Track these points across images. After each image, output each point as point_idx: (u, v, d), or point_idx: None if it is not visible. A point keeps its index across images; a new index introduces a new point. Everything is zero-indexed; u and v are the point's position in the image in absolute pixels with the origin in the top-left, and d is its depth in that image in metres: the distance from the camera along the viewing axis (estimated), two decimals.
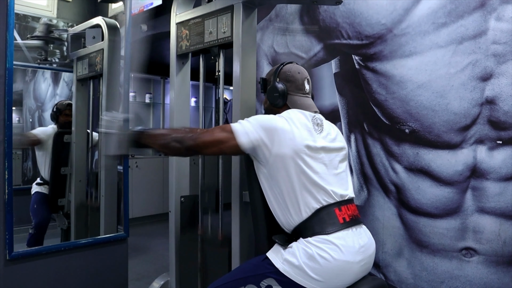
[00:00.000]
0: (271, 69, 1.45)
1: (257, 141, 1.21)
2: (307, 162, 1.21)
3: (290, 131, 1.22)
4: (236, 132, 1.22)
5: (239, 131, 1.22)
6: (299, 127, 1.24)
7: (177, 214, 1.76)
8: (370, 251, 1.25)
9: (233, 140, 1.22)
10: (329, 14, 1.99)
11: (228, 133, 1.23)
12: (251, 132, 1.22)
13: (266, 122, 1.23)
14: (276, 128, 1.21)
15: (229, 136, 1.22)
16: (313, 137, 1.25)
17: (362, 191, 1.88)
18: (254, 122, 1.24)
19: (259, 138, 1.21)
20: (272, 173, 1.23)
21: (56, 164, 2.45)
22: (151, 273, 2.90)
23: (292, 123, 1.23)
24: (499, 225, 1.50)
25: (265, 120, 1.24)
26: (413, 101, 1.71)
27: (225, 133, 1.23)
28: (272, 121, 1.24)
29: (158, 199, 4.79)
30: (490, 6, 1.52)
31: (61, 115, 2.50)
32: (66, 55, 2.55)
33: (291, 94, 1.35)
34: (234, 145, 1.22)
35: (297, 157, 1.20)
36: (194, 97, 5.69)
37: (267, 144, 1.21)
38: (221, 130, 1.25)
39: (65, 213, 2.47)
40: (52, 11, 2.49)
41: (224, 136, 1.23)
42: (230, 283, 1.25)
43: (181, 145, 1.25)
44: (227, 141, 1.23)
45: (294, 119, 1.25)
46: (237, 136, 1.22)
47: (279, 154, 1.20)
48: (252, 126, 1.23)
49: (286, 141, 1.20)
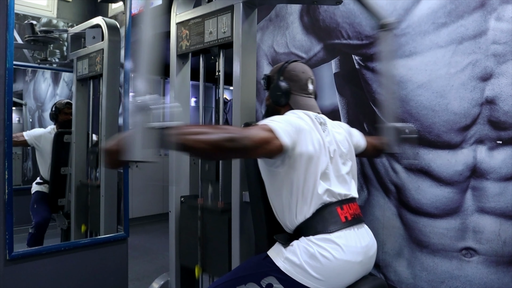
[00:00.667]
0: (275, 66, 1.43)
1: (294, 139, 1.16)
2: (319, 162, 1.21)
3: (309, 131, 1.22)
4: (277, 132, 1.13)
5: (279, 131, 1.13)
6: (312, 128, 1.24)
7: (177, 214, 1.76)
8: (371, 251, 1.25)
9: (276, 140, 1.13)
10: (329, 14, 1.99)
11: (269, 133, 1.12)
12: (291, 131, 1.16)
13: (294, 122, 1.19)
14: (302, 128, 1.20)
15: (272, 135, 1.12)
16: (322, 137, 1.25)
17: (362, 191, 1.88)
18: (286, 122, 1.18)
19: (294, 136, 1.16)
20: (289, 172, 1.19)
21: (56, 164, 2.45)
22: (151, 273, 2.90)
23: (307, 124, 1.23)
24: (499, 225, 1.50)
25: (292, 120, 1.20)
26: (413, 101, 1.71)
27: (268, 132, 1.12)
28: (297, 121, 1.21)
29: (158, 199, 4.80)
30: (490, 6, 1.52)
31: (60, 113, 2.50)
32: (66, 55, 2.55)
33: (294, 93, 1.34)
34: (278, 145, 1.13)
35: (315, 156, 1.20)
36: (194, 97, 5.69)
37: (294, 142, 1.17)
38: (262, 130, 1.13)
39: (65, 213, 2.47)
40: (52, 11, 2.49)
41: (268, 136, 1.12)
42: (231, 281, 1.25)
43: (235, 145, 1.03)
44: (271, 140, 1.12)
45: (306, 120, 1.25)
46: (280, 136, 1.13)
47: (301, 154, 1.18)
48: (287, 126, 1.16)
49: (308, 141, 1.20)
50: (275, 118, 1.19)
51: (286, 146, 1.14)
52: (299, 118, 1.24)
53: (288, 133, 1.14)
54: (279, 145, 1.13)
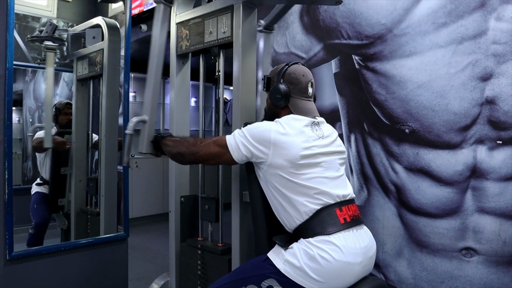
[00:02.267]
0: (276, 67, 1.43)
1: (250, 154, 1.26)
2: (302, 169, 1.21)
3: (285, 140, 1.22)
4: (229, 147, 1.29)
5: (232, 146, 1.28)
6: (296, 135, 1.24)
7: (177, 214, 1.76)
8: (371, 252, 1.24)
9: (228, 154, 1.29)
10: (329, 14, 1.99)
11: (222, 148, 1.30)
12: (243, 146, 1.26)
13: (260, 134, 1.25)
14: (270, 140, 1.23)
15: (224, 150, 1.30)
16: (311, 143, 1.25)
17: (362, 191, 1.88)
18: (247, 134, 1.27)
19: (252, 150, 1.25)
20: (268, 178, 1.26)
21: (56, 164, 2.45)
22: (151, 273, 2.90)
23: (289, 131, 1.24)
24: (499, 225, 1.50)
25: (259, 131, 1.26)
26: (413, 101, 1.71)
27: (220, 148, 1.31)
28: (265, 133, 1.24)
29: (158, 199, 4.80)
30: (490, 6, 1.52)
31: (60, 114, 2.50)
32: (66, 55, 2.55)
33: (293, 97, 1.34)
34: (229, 158, 1.30)
35: (292, 166, 1.21)
36: (194, 97, 5.69)
37: (263, 152, 1.23)
38: (216, 145, 1.32)
39: (65, 213, 2.47)
40: (52, 11, 2.49)
41: (219, 151, 1.31)
42: (231, 283, 1.25)
43: (184, 159, 1.40)
44: (222, 155, 1.31)
45: (292, 127, 1.25)
46: (231, 151, 1.29)
47: (273, 164, 1.23)
48: (245, 139, 1.26)
49: (281, 152, 1.21)
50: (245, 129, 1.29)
51: (236, 159, 1.29)
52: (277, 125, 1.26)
53: (240, 149, 1.27)
54: (230, 159, 1.30)
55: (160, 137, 1.48)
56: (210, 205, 1.68)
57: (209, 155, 1.33)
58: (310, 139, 1.25)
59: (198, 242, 1.70)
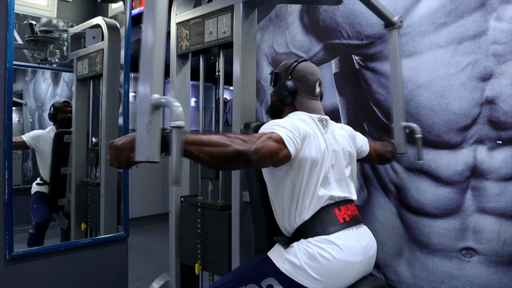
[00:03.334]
0: (285, 63, 1.40)
1: (299, 146, 1.16)
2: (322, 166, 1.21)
3: (314, 135, 1.21)
4: (286, 141, 1.12)
5: (287, 140, 1.12)
6: (316, 132, 1.24)
7: (177, 214, 1.76)
8: (371, 251, 1.25)
9: (285, 149, 1.12)
10: (329, 14, 1.99)
11: (278, 143, 1.11)
12: (297, 138, 1.15)
13: (300, 128, 1.18)
14: (307, 133, 1.20)
15: (281, 146, 1.11)
16: (325, 140, 1.25)
17: (362, 191, 1.88)
18: (291, 128, 1.16)
19: (298, 144, 1.15)
20: (293, 176, 1.19)
21: (56, 164, 2.45)
22: (151, 273, 2.90)
23: (311, 128, 1.23)
24: (499, 225, 1.50)
25: (298, 125, 1.19)
26: (413, 101, 1.71)
27: (277, 143, 1.10)
28: (302, 126, 1.20)
29: (158, 199, 4.80)
30: (490, 6, 1.52)
31: (59, 112, 2.50)
32: (66, 55, 2.55)
33: (300, 94, 1.33)
34: (286, 154, 1.12)
35: (318, 161, 1.20)
36: (194, 97, 5.69)
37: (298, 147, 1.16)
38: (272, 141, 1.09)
39: (65, 213, 2.47)
40: (52, 11, 2.49)
41: (277, 147, 1.10)
42: (231, 282, 1.25)
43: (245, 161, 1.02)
44: (280, 151, 1.11)
45: (310, 123, 1.25)
46: (288, 145, 1.12)
47: (306, 159, 1.18)
48: (290, 132, 1.14)
49: (312, 146, 1.20)
50: (282, 123, 1.17)
51: (293, 155, 1.14)
52: (303, 122, 1.24)
53: (295, 141, 1.14)
54: (287, 155, 1.12)
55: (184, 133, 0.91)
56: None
57: (270, 153, 1.08)
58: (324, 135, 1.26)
59: (198, 201, 1.69)
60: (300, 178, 1.19)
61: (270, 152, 1.07)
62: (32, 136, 2.45)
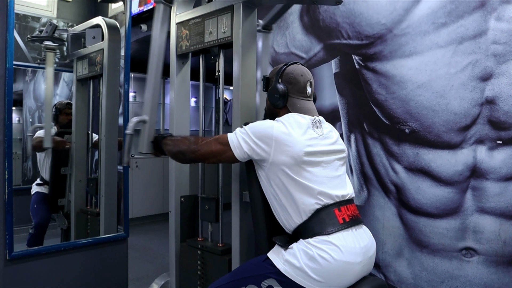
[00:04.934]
0: (275, 67, 1.43)
1: (252, 151, 1.25)
2: (306, 167, 1.21)
3: (288, 138, 1.22)
4: (231, 144, 1.29)
5: (234, 143, 1.28)
6: (298, 133, 1.24)
7: (177, 214, 1.76)
8: (370, 252, 1.24)
9: (229, 151, 1.29)
10: (329, 14, 1.99)
11: (224, 146, 1.30)
12: (245, 143, 1.26)
13: (261, 131, 1.25)
14: (272, 136, 1.23)
15: (225, 148, 1.30)
16: (313, 141, 1.25)
17: (362, 191, 1.88)
18: (249, 131, 1.26)
19: (254, 148, 1.25)
20: (270, 177, 1.25)
21: (56, 164, 2.45)
22: (151, 273, 2.90)
23: (291, 129, 1.23)
24: (499, 225, 1.50)
25: (261, 128, 1.26)
26: (413, 101, 1.71)
27: (221, 145, 1.31)
28: (268, 129, 1.24)
29: (158, 199, 4.79)
30: (490, 6, 1.52)
31: (60, 114, 2.50)
32: (66, 55, 2.55)
33: (292, 96, 1.35)
34: (231, 156, 1.30)
35: (296, 163, 1.21)
36: (194, 97, 5.69)
37: (265, 151, 1.23)
38: (217, 142, 1.32)
39: (65, 213, 2.47)
40: (52, 11, 2.49)
41: (220, 149, 1.31)
42: (231, 283, 1.25)
43: (184, 157, 1.40)
44: (223, 153, 1.31)
45: (293, 124, 1.25)
46: (232, 148, 1.28)
47: (276, 161, 1.22)
48: (247, 136, 1.26)
49: (284, 149, 1.21)
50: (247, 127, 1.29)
51: (238, 157, 1.28)
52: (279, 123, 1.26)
53: (242, 146, 1.26)
54: (232, 156, 1.29)
55: (160, 137, 1.48)
56: (210, 205, 1.68)
57: (210, 153, 1.33)
58: (312, 137, 1.26)
59: (198, 243, 1.70)
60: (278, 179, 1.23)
61: (210, 152, 1.32)
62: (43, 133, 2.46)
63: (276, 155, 1.22)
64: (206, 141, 1.34)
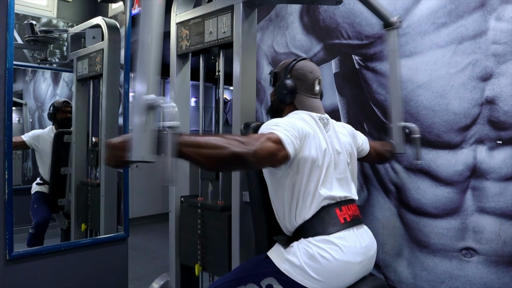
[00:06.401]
0: (283, 62, 1.40)
1: (299, 148, 1.16)
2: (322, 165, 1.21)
3: (313, 135, 1.21)
4: (285, 142, 1.10)
5: (286, 140, 1.11)
6: (316, 131, 1.23)
7: (177, 214, 1.76)
8: (371, 252, 1.25)
9: (283, 150, 1.10)
10: (329, 14, 1.99)
11: (277, 144, 1.09)
12: (296, 138, 1.14)
13: (298, 127, 1.17)
14: (306, 133, 1.19)
15: (279, 147, 1.10)
16: (326, 139, 1.25)
17: (362, 191, 1.88)
18: (289, 128, 1.15)
19: (297, 145, 1.15)
20: (293, 176, 1.19)
21: (56, 164, 2.45)
22: (151, 273, 2.90)
23: (311, 127, 1.23)
24: (499, 225, 1.50)
25: (297, 125, 1.18)
26: (413, 101, 1.71)
27: (275, 144, 1.09)
28: (301, 125, 1.19)
29: (158, 199, 4.79)
30: (490, 6, 1.52)
31: (58, 112, 2.50)
32: (66, 55, 2.55)
33: (300, 93, 1.33)
34: (284, 156, 1.11)
35: (318, 160, 1.20)
36: (194, 97, 5.69)
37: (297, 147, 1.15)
38: (270, 141, 1.08)
39: (65, 213, 2.47)
40: (52, 11, 2.49)
41: (276, 148, 1.09)
42: (231, 282, 1.25)
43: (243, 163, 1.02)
44: (279, 152, 1.10)
45: (310, 122, 1.24)
46: (287, 145, 1.11)
47: (306, 158, 1.18)
48: (292, 133, 1.14)
49: (312, 145, 1.19)
50: (281, 123, 1.16)
51: (292, 156, 1.13)
52: (303, 121, 1.23)
53: (293, 142, 1.13)
54: (286, 156, 1.11)
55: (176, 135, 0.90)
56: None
57: (268, 154, 1.07)
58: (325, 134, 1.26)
59: (198, 202, 1.69)
60: (299, 177, 1.19)
61: (268, 153, 1.06)
62: (32, 136, 2.45)
63: (307, 151, 1.18)
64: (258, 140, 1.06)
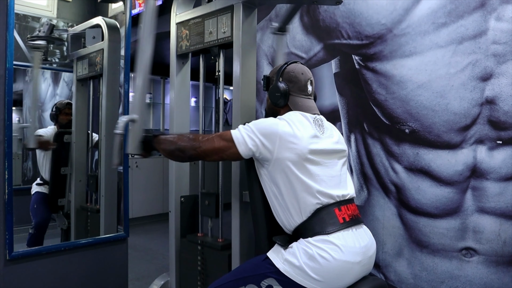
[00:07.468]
0: (275, 67, 1.44)
1: (256, 148, 1.23)
2: (308, 165, 1.21)
3: (292, 134, 1.22)
4: (236, 140, 1.25)
5: (238, 139, 1.25)
6: (301, 130, 1.24)
7: (177, 214, 1.76)
8: (370, 251, 1.24)
9: (233, 148, 1.25)
10: (329, 14, 1.99)
11: (228, 142, 1.26)
12: (250, 139, 1.24)
13: (266, 127, 1.24)
14: (277, 133, 1.22)
15: (229, 144, 1.26)
16: (315, 139, 1.25)
17: (362, 191, 1.88)
18: (254, 128, 1.25)
19: (258, 144, 1.23)
20: (273, 175, 1.24)
21: (56, 164, 2.45)
22: (151, 273, 2.90)
23: (294, 126, 1.23)
24: (499, 225, 1.50)
25: (265, 125, 1.24)
26: (413, 101, 1.71)
27: (225, 141, 1.26)
28: (273, 126, 1.24)
29: (158, 199, 4.79)
30: (490, 6, 1.52)
31: (60, 114, 2.49)
32: (66, 55, 2.55)
33: (293, 95, 1.35)
34: (235, 152, 1.26)
35: (300, 160, 1.20)
36: (194, 97, 5.69)
37: (268, 148, 1.22)
38: (221, 139, 1.27)
39: (65, 213, 2.47)
40: (52, 11, 2.49)
41: (224, 145, 1.26)
42: (230, 282, 1.25)
43: (184, 155, 1.32)
44: (227, 149, 1.26)
45: (296, 122, 1.25)
46: (237, 144, 1.25)
47: (280, 158, 1.21)
48: (252, 133, 1.24)
49: (289, 145, 1.21)
50: (250, 124, 1.27)
51: (242, 153, 1.25)
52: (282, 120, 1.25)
53: (246, 142, 1.23)
54: (236, 153, 1.25)
55: (151, 136, 1.39)
56: (210, 200, 1.68)
57: (212, 150, 1.28)
58: (314, 136, 1.26)
59: (198, 238, 1.70)
60: (282, 178, 1.22)
61: (212, 148, 1.27)
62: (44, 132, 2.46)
63: (280, 152, 1.21)
64: (208, 138, 1.29)
